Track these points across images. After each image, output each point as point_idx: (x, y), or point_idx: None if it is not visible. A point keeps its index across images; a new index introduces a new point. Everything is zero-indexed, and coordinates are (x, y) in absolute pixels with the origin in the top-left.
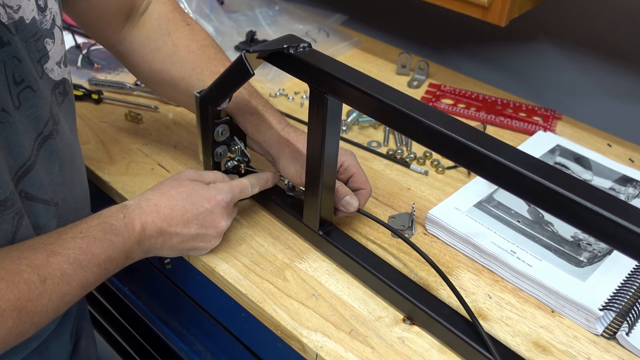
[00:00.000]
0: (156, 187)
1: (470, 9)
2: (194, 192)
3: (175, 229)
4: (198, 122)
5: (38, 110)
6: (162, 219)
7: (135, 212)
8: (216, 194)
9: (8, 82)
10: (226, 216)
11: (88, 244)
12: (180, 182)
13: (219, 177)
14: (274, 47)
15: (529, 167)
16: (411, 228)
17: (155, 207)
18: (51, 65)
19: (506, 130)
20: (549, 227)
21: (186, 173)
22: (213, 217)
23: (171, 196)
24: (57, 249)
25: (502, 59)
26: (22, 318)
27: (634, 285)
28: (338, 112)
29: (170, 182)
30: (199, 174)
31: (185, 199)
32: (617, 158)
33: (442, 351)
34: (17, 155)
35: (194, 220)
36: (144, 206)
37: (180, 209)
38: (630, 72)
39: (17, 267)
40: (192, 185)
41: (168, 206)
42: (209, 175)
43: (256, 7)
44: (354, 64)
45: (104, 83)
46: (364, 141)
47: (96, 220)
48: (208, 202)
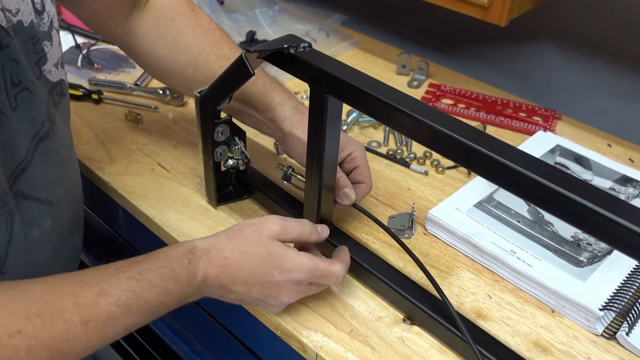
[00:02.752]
0: (233, 236)
1: (470, 9)
2: (269, 258)
3: (236, 288)
4: (198, 122)
5: (35, 111)
6: (226, 276)
7: (201, 261)
8: (291, 269)
9: (5, 84)
10: (293, 294)
11: (143, 288)
12: (259, 240)
13: (304, 229)
14: (274, 47)
15: (529, 167)
16: (411, 228)
17: (225, 261)
18: (49, 67)
19: (506, 130)
20: (549, 227)
21: (269, 226)
22: (278, 290)
23: (244, 254)
24: (109, 288)
25: (502, 59)
26: (53, 357)
27: (634, 285)
28: (338, 112)
29: (250, 235)
30: (284, 229)
31: (258, 261)
32: (617, 158)
33: (442, 351)
34: (12, 155)
35: (258, 286)
36: (213, 256)
37: (248, 271)
38: (630, 72)
39: (61, 304)
40: (271, 248)
41: (237, 264)
42: (292, 226)
43: (256, 7)
44: (354, 64)
45: (104, 83)
46: (364, 141)
47: (158, 263)
48: (279, 274)
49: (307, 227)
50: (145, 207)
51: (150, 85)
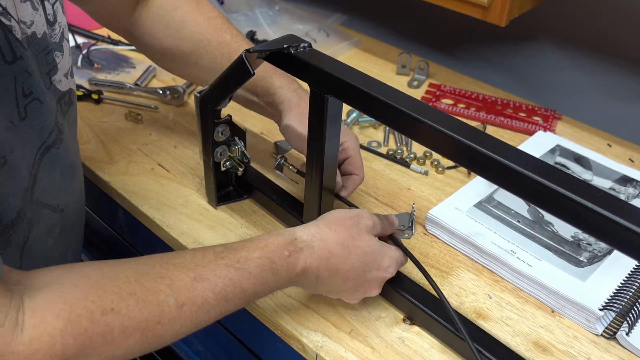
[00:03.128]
0: (335, 228)
1: (470, 9)
2: (370, 254)
3: (332, 280)
4: (198, 122)
5: (43, 120)
6: (327, 269)
7: (302, 254)
8: (389, 266)
9: (17, 95)
10: (380, 287)
11: (241, 277)
12: (360, 234)
13: (385, 225)
14: (274, 47)
15: (529, 167)
16: (411, 228)
17: (329, 254)
18: (59, 77)
19: (506, 130)
20: (549, 227)
21: (364, 221)
22: (369, 286)
23: (347, 247)
24: (206, 274)
25: (502, 59)
26: (147, 339)
27: (634, 285)
28: (338, 112)
29: (351, 228)
30: (375, 224)
31: (359, 257)
32: (617, 158)
33: (442, 351)
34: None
35: (353, 280)
36: (316, 248)
37: (349, 266)
38: (630, 72)
39: (156, 286)
40: (371, 243)
41: (340, 258)
42: (379, 221)
43: (256, 7)
44: (354, 64)
45: (104, 83)
46: (364, 141)
47: (258, 252)
48: (377, 270)
49: (385, 222)
50: (145, 207)
51: (150, 85)
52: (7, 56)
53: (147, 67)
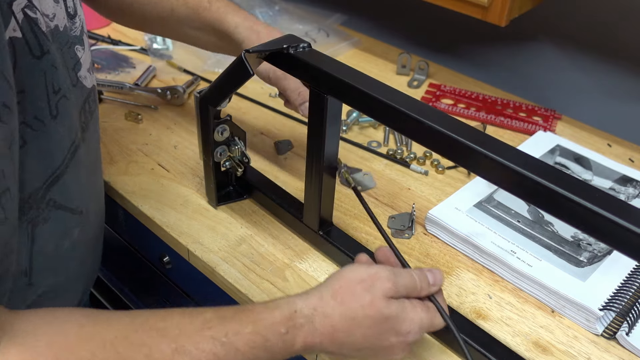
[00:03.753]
0: (342, 297)
1: (470, 9)
2: (384, 321)
3: (343, 351)
4: (198, 122)
5: (71, 119)
6: (332, 343)
7: (302, 330)
8: (409, 331)
9: (47, 92)
10: (407, 349)
11: (227, 354)
12: (372, 301)
13: (416, 284)
14: (274, 47)
15: (529, 167)
16: (411, 228)
17: (331, 329)
18: (84, 73)
19: (506, 130)
20: (549, 227)
21: (381, 285)
22: (392, 350)
23: (355, 320)
24: (189, 346)
25: (502, 59)
26: None
27: (634, 285)
28: (338, 112)
29: (362, 295)
30: (396, 286)
31: (370, 326)
32: (617, 158)
33: (442, 351)
34: (47, 164)
35: (369, 349)
36: (318, 325)
37: (360, 338)
38: (630, 72)
39: (132, 355)
40: (386, 311)
41: (346, 331)
42: (405, 281)
43: (256, 7)
44: (354, 64)
45: (104, 83)
46: (364, 141)
47: (250, 326)
48: (396, 337)
49: (418, 281)
50: (145, 207)
51: (150, 85)
52: (34, 50)
53: (147, 67)
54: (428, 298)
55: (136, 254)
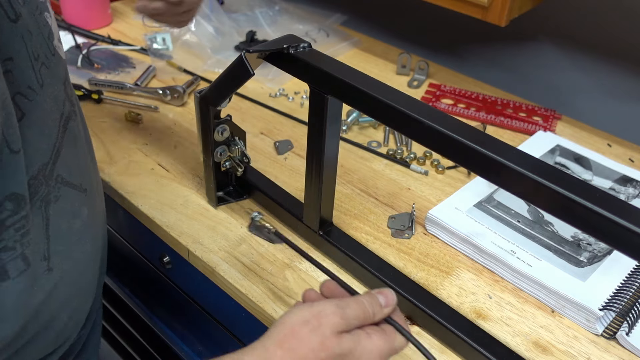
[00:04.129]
0: (288, 344)
1: (470, 9)
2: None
3: None
4: (198, 122)
5: (56, 89)
6: None
7: None
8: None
9: (31, 59)
10: None
11: None
12: (323, 342)
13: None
14: (274, 47)
15: (529, 167)
16: (411, 228)
17: None
18: (57, 43)
19: (506, 130)
20: (549, 227)
21: (328, 320)
22: None
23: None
24: None
25: (502, 59)
26: None
27: (634, 285)
28: (338, 112)
29: (309, 337)
30: (345, 319)
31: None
32: (617, 158)
33: (442, 351)
34: (47, 135)
35: None
36: None
37: None
38: (630, 72)
39: None
40: (340, 350)
41: None
42: (355, 311)
43: (256, 7)
44: (354, 64)
45: (104, 83)
46: (364, 141)
47: None
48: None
49: (369, 307)
50: (145, 207)
51: (150, 85)
52: (9, 13)
53: (147, 67)
54: (385, 320)
55: (136, 254)
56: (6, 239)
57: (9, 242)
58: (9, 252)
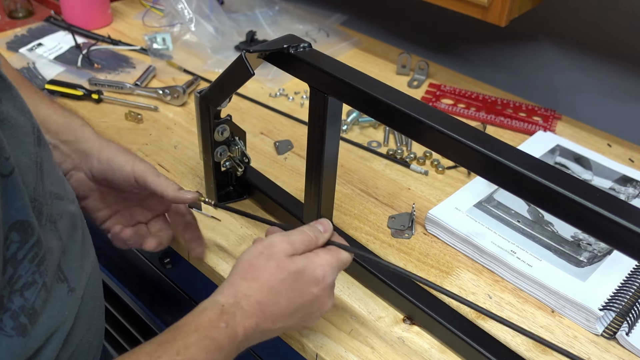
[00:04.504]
0: (251, 275)
1: (470, 9)
2: (299, 278)
3: (279, 325)
4: (198, 122)
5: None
6: (265, 319)
7: (237, 317)
8: (324, 274)
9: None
10: (332, 295)
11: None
12: (278, 266)
13: (310, 236)
14: (274, 47)
15: (529, 167)
16: (411, 228)
17: (259, 306)
18: None
19: (506, 130)
20: (549, 227)
21: (278, 247)
22: (321, 301)
23: (273, 288)
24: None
25: (502, 59)
26: None
27: (634, 285)
28: (338, 112)
29: (266, 265)
30: (292, 244)
31: (290, 287)
32: (617, 158)
33: (442, 351)
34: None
35: (300, 310)
36: (246, 306)
37: (285, 302)
38: (630, 72)
39: None
40: (295, 267)
41: (272, 302)
42: (299, 238)
43: (256, 7)
44: (354, 64)
45: (104, 83)
46: (364, 141)
47: (194, 336)
48: (316, 286)
49: (310, 233)
50: None
51: (150, 85)
52: None
53: (147, 67)
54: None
55: (136, 254)
56: (24, 275)
57: (27, 276)
58: (31, 288)
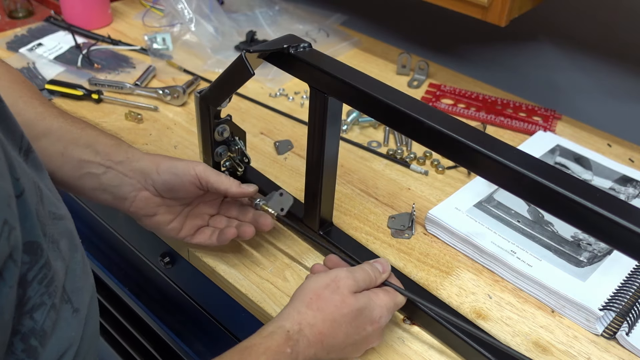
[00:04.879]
0: (316, 305)
1: (470, 9)
2: (360, 315)
3: (331, 356)
4: (198, 122)
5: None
6: (323, 349)
7: (300, 345)
8: (381, 316)
9: None
10: (381, 335)
11: None
12: (343, 300)
13: (371, 276)
14: (274, 47)
15: (529, 167)
16: (411, 228)
17: (320, 336)
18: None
19: (506, 130)
20: (549, 227)
21: (344, 283)
22: (370, 340)
23: (335, 321)
24: None
25: (502, 59)
26: None
27: (634, 285)
28: (338, 112)
29: (332, 297)
30: (357, 282)
31: (350, 322)
32: (617, 158)
33: (442, 351)
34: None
35: (352, 343)
36: (309, 335)
37: (343, 336)
38: (630, 72)
39: None
40: (358, 305)
41: (332, 334)
42: (362, 275)
43: (256, 7)
44: (354, 64)
45: (104, 83)
46: (364, 141)
47: (263, 358)
48: (371, 325)
49: (372, 272)
50: None
51: (150, 85)
52: None
53: (147, 67)
54: (383, 284)
55: (136, 254)
56: (33, 297)
57: (36, 298)
58: (40, 309)
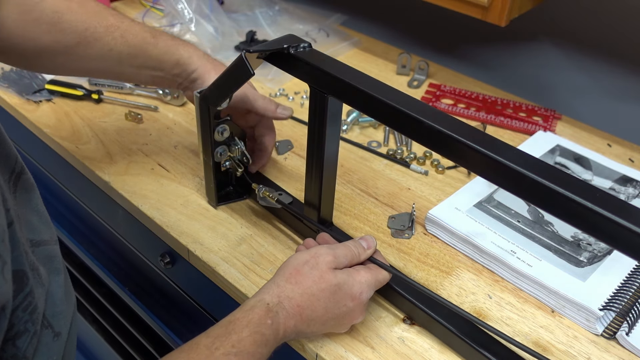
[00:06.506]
0: (295, 279)
1: (470, 9)
2: (338, 290)
3: (312, 329)
4: (198, 122)
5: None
6: (302, 321)
7: (280, 316)
8: (361, 292)
9: None
10: (364, 310)
11: (242, 359)
12: (322, 275)
13: (353, 252)
14: (274, 47)
15: (529, 167)
16: (411, 228)
17: (299, 309)
18: None
19: (506, 130)
20: (549, 227)
21: (323, 259)
22: (352, 315)
23: (313, 295)
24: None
25: (502, 59)
26: None
27: (634, 285)
28: (338, 112)
29: (310, 272)
30: (336, 258)
31: (329, 297)
32: (617, 158)
33: (442, 351)
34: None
35: (333, 319)
36: (287, 307)
37: (322, 310)
38: (630, 72)
39: None
40: (336, 280)
41: (310, 307)
42: (344, 251)
43: (256, 7)
44: (354, 64)
45: (104, 83)
46: (364, 141)
47: (246, 330)
48: (352, 300)
49: (354, 249)
50: (145, 207)
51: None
52: None
53: None
54: (369, 260)
55: (136, 253)
56: (17, 324)
57: (20, 325)
58: (24, 336)
